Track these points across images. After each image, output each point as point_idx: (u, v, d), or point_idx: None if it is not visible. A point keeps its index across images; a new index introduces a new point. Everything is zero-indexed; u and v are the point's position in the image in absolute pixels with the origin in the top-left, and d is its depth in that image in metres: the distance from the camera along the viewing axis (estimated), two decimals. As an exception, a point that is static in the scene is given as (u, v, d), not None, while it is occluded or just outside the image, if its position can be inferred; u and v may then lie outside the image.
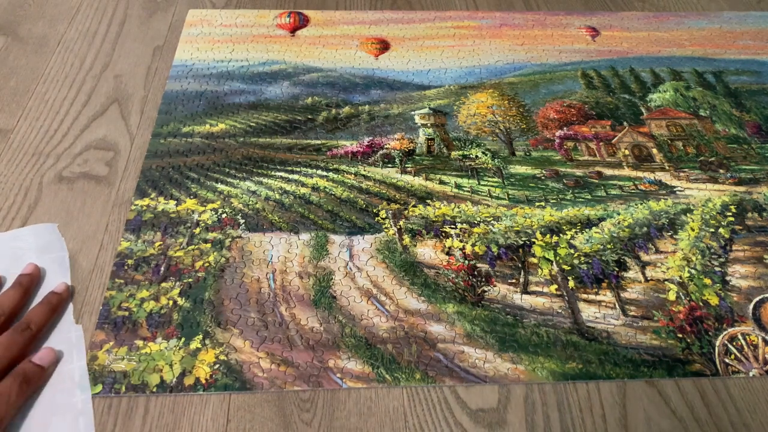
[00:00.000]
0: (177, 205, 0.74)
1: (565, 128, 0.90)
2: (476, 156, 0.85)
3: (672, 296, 0.67)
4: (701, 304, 0.66)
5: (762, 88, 0.98)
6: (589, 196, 0.80)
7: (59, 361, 0.57)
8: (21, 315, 0.60)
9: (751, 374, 0.61)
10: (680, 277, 0.69)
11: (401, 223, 0.74)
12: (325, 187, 0.79)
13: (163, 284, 0.65)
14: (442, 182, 0.81)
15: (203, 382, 0.58)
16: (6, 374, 0.53)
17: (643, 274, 0.70)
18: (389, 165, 0.83)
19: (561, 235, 0.73)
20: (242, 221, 0.73)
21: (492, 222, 0.75)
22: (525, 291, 0.68)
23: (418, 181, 0.81)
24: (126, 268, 0.66)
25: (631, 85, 0.98)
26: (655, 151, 0.87)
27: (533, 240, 0.72)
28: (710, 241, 0.73)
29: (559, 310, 0.66)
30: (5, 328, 0.56)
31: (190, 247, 0.69)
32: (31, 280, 0.61)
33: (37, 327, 0.57)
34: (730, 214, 0.77)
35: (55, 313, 0.60)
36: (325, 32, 1.02)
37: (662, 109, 0.94)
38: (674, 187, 0.81)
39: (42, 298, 0.61)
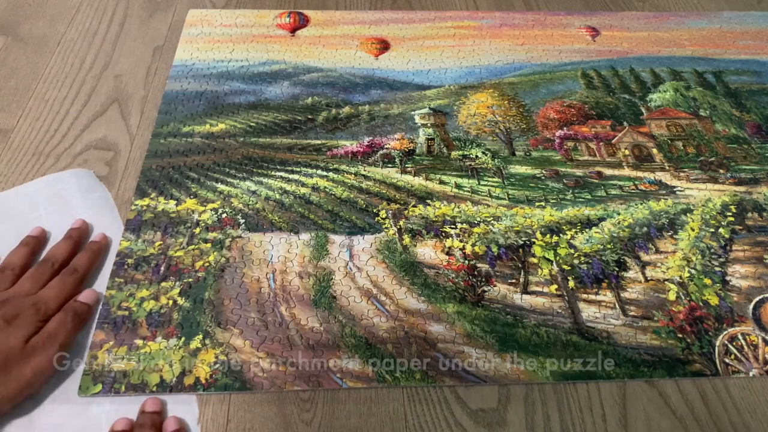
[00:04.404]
0: (177, 204, 0.74)
1: (565, 128, 0.90)
2: (476, 156, 0.85)
3: (672, 296, 0.67)
4: (701, 304, 0.66)
5: (762, 88, 0.97)
6: (589, 196, 0.79)
7: (101, 300, 0.63)
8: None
9: (751, 374, 0.61)
10: (680, 277, 0.69)
11: (401, 223, 0.74)
12: (325, 187, 0.79)
13: (163, 284, 0.65)
14: (442, 182, 0.81)
15: (203, 382, 0.58)
16: (59, 310, 0.59)
17: (643, 274, 0.70)
18: (389, 165, 0.83)
19: (561, 235, 0.73)
20: (242, 221, 0.73)
21: (492, 222, 0.75)
22: (525, 291, 0.68)
23: (418, 181, 0.81)
24: (126, 267, 0.66)
25: (631, 85, 0.98)
26: (655, 151, 0.87)
27: (533, 240, 0.72)
28: (710, 241, 0.73)
29: (559, 310, 0.66)
30: (57, 273, 0.62)
31: (190, 247, 0.69)
32: (80, 233, 0.67)
33: (83, 270, 0.63)
34: (730, 214, 0.77)
35: (98, 257, 0.66)
36: (325, 32, 1.02)
37: (662, 109, 0.94)
38: (674, 187, 0.81)
39: (85, 246, 0.67)
